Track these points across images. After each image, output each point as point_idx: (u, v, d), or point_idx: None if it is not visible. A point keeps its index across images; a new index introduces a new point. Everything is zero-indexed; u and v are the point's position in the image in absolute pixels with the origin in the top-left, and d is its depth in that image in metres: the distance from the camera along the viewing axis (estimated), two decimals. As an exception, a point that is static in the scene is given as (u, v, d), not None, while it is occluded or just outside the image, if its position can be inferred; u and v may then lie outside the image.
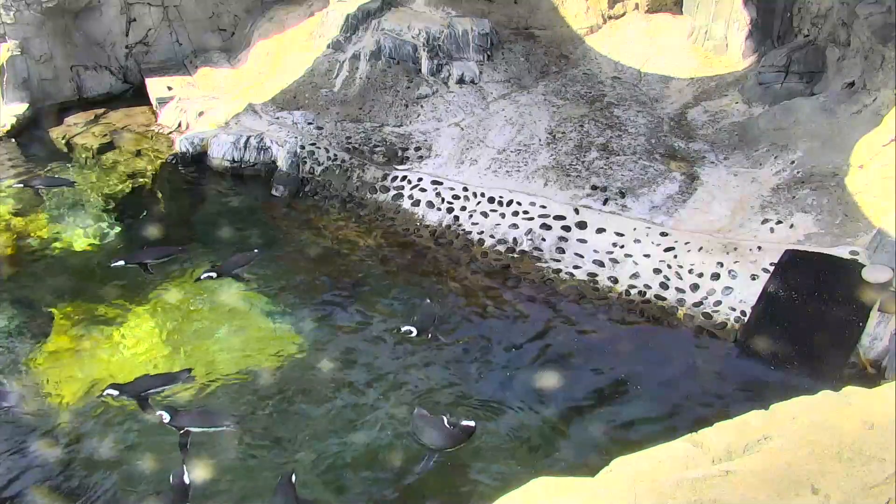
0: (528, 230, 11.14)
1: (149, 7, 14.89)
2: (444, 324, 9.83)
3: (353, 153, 12.72)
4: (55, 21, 14.10)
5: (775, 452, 3.37)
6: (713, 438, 3.57)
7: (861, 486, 3.12)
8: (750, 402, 6.17)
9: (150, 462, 8.10)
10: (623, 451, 3.69)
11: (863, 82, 11.58)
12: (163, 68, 15.01)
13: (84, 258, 11.07)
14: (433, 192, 11.93)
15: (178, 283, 10.53)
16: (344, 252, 11.33)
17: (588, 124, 12.94)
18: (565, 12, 14.98)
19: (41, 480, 8.00)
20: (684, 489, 3.20)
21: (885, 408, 3.56)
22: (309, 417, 8.65)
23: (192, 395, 8.89)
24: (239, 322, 9.94)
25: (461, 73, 13.84)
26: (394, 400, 8.82)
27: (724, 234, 10.68)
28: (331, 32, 14.43)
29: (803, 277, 9.76)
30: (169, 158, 13.18)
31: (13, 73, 13.89)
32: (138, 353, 9.48)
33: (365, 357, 9.43)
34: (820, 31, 12.73)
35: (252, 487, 7.90)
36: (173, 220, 12.32)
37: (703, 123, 12.89)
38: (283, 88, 13.95)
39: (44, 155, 13.44)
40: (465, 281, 10.66)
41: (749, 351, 9.39)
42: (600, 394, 8.98)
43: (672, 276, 10.28)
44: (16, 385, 8.97)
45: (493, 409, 8.72)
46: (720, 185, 11.59)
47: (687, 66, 14.02)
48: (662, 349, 9.60)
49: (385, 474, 8.06)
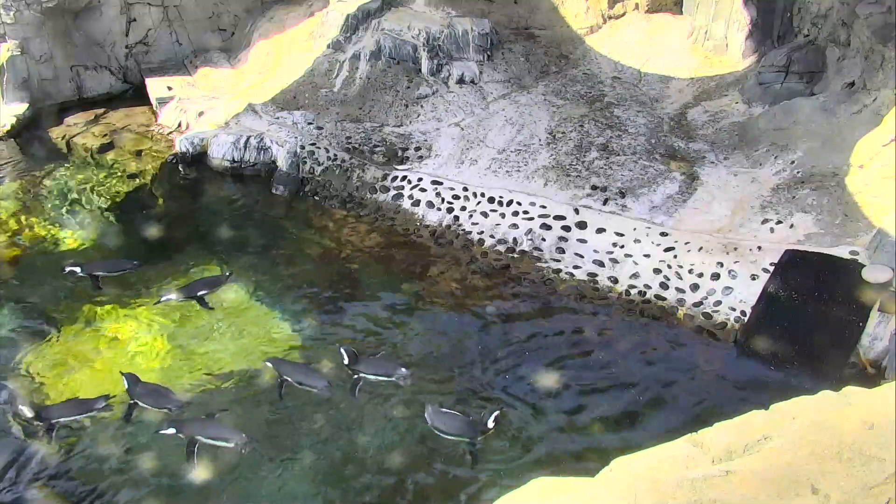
0: (528, 230, 11.14)
1: (149, 7, 14.88)
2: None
3: (353, 153, 12.72)
4: (55, 21, 14.10)
5: (775, 452, 3.37)
6: (713, 438, 3.57)
7: (861, 486, 3.12)
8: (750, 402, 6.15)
9: (150, 462, 8.11)
10: (623, 451, 3.69)
11: (863, 82, 11.58)
12: (163, 68, 14.99)
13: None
14: (433, 192, 11.93)
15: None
16: (344, 252, 11.33)
17: (588, 124, 12.94)
18: (565, 12, 14.97)
19: (41, 480, 8.01)
20: (684, 489, 3.20)
21: (885, 408, 3.56)
22: (309, 418, 8.65)
23: (192, 396, 8.90)
24: (239, 322, 9.95)
25: (461, 73, 13.84)
26: (394, 400, 8.82)
27: (724, 234, 10.68)
28: (331, 32, 14.42)
29: (803, 277, 9.76)
30: (169, 158, 13.16)
31: (13, 73, 13.89)
32: (138, 354, 9.48)
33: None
34: (820, 31, 12.72)
35: (252, 487, 7.91)
36: (173, 220, 12.31)
37: (703, 123, 12.90)
38: (283, 88, 13.94)
39: (44, 155, 13.44)
40: (465, 281, 10.66)
41: (749, 351, 9.39)
42: (600, 394, 8.97)
43: (672, 276, 10.28)
44: (15, 385, 8.98)
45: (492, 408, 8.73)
46: (720, 185, 11.59)
47: (687, 66, 14.02)
48: (662, 349, 9.60)
49: (385, 475, 8.07)
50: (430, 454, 8.22)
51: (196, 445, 8.11)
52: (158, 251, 11.41)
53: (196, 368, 9.26)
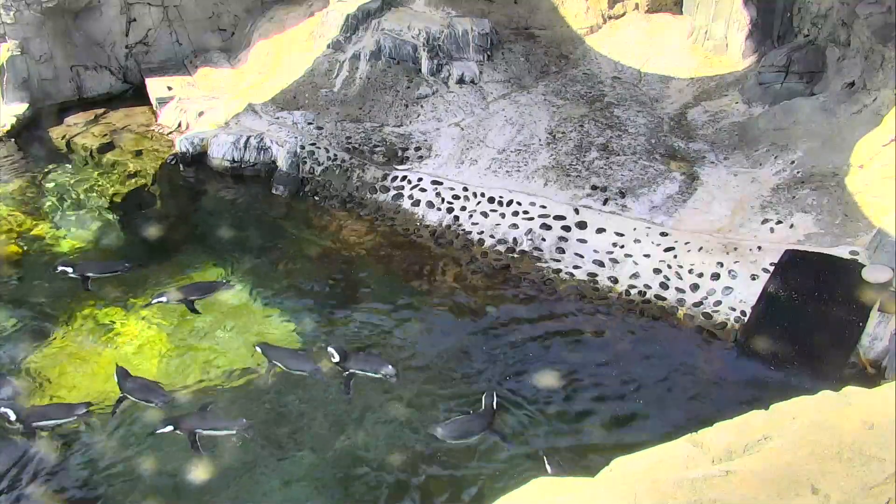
0: (528, 230, 11.14)
1: (149, 7, 14.88)
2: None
3: (353, 153, 12.72)
4: (55, 21, 14.10)
5: (775, 452, 3.37)
6: (713, 438, 3.57)
7: (861, 486, 3.12)
8: (750, 402, 6.18)
9: (150, 462, 8.11)
10: (623, 451, 3.69)
11: (863, 82, 11.58)
12: (163, 68, 14.99)
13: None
14: (433, 192, 11.93)
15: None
16: (344, 252, 11.33)
17: (588, 124, 12.94)
18: (565, 12, 14.98)
19: (41, 480, 8.01)
20: (684, 489, 3.19)
21: (885, 408, 3.56)
22: (309, 417, 8.65)
23: (193, 396, 8.90)
24: (239, 322, 9.95)
25: (461, 73, 13.84)
26: (394, 400, 8.82)
27: (724, 234, 10.68)
28: (331, 32, 14.42)
29: (803, 277, 9.76)
30: (169, 158, 13.16)
31: (13, 73, 13.88)
32: (139, 353, 9.48)
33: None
34: (820, 31, 12.73)
35: (252, 487, 7.91)
36: (173, 220, 12.31)
37: (703, 123, 12.90)
38: (283, 88, 13.94)
39: (44, 155, 13.44)
40: (465, 281, 10.66)
41: (749, 351, 9.39)
42: (600, 394, 8.98)
43: (672, 276, 10.28)
44: (16, 385, 8.98)
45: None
46: (720, 185, 11.59)
47: (687, 66, 14.02)
48: (662, 349, 9.60)
49: (386, 474, 8.07)
50: (431, 454, 8.22)
51: (197, 438, 8.14)
52: (158, 251, 11.42)
53: (196, 368, 9.26)
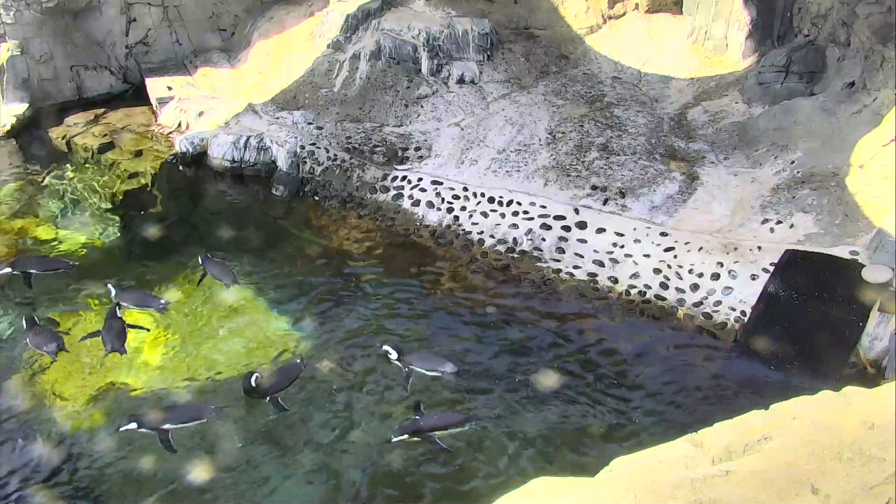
0: (528, 230, 11.14)
1: (149, 7, 14.87)
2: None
3: (353, 153, 12.72)
4: (55, 21, 14.10)
5: (775, 452, 3.37)
6: (713, 438, 3.57)
7: (861, 486, 3.12)
8: (750, 402, 6.18)
9: (150, 462, 8.10)
10: (623, 451, 3.69)
11: (863, 82, 11.59)
12: (163, 68, 14.99)
13: (84, 259, 11.06)
14: (433, 192, 11.93)
15: (179, 283, 10.52)
16: (344, 252, 11.33)
17: (588, 124, 12.94)
18: (565, 12, 14.97)
19: (41, 480, 8.01)
20: (684, 489, 3.19)
21: (885, 408, 3.55)
22: (308, 417, 8.65)
23: (193, 396, 8.90)
24: (239, 322, 9.95)
25: (461, 73, 13.84)
26: (393, 400, 8.82)
27: (724, 234, 10.68)
28: (331, 32, 14.42)
29: (803, 277, 9.76)
30: (169, 158, 13.16)
31: (13, 73, 13.88)
32: (139, 354, 9.47)
33: (364, 357, 9.42)
34: (820, 31, 12.73)
35: (252, 487, 7.90)
36: (173, 220, 12.31)
37: (703, 123, 12.90)
38: (283, 88, 13.94)
39: (44, 155, 13.44)
40: (465, 281, 10.66)
41: (749, 351, 9.39)
42: (600, 393, 8.97)
43: (672, 276, 10.28)
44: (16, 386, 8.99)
45: (492, 408, 8.73)
46: (720, 185, 11.59)
47: (687, 66, 14.02)
48: (662, 349, 9.60)
49: (385, 474, 8.07)
50: (430, 454, 8.22)
51: (169, 434, 8.09)
52: (158, 251, 11.41)
53: (195, 368, 9.26)
